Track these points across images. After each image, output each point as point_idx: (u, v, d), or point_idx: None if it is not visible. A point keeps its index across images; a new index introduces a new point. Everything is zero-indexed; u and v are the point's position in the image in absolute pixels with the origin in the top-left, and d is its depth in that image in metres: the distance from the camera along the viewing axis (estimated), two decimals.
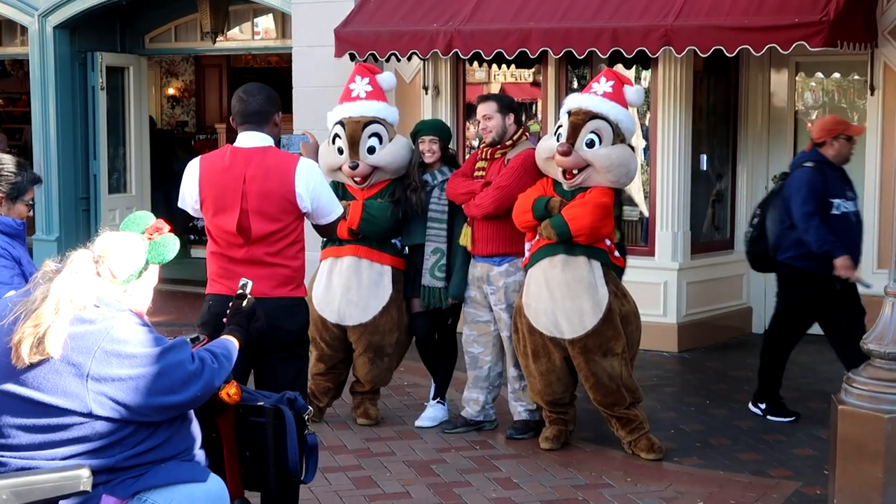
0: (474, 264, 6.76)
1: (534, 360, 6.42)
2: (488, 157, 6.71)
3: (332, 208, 4.90)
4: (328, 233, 5.14)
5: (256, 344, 4.39)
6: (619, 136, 6.34)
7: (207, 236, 4.90)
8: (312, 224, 4.97)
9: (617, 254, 6.45)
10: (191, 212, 4.94)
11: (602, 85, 6.39)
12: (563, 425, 6.58)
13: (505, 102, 6.76)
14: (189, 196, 4.89)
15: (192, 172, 4.87)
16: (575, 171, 6.28)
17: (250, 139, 4.81)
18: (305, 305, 4.93)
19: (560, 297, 6.27)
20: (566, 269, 6.26)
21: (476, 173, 6.71)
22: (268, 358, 4.74)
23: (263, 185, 4.71)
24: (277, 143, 4.93)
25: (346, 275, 6.81)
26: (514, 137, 6.67)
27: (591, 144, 6.27)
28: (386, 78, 7.10)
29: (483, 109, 6.71)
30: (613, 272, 6.38)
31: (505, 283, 6.65)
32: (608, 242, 6.37)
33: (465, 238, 6.73)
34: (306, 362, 4.97)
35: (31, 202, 4.89)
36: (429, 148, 6.84)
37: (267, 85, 4.99)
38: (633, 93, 6.44)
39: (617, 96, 6.36)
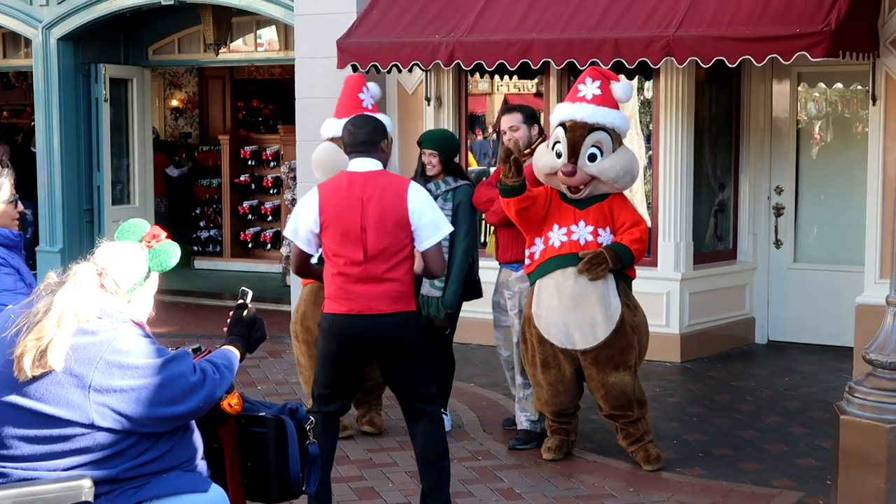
0: (499, 271, 6.91)
1: (543, 371, 6.40)
2: None
3: (437, 229, 5.21)
4: (433, 265, 5.30)
5: (369, 353, 5.28)
6: (617, 141, 6.32)
7: (325, 258, 5.30)
8: (421, 253, 5.26)
9: None
10: (300, 241, 5.30)
11: (589, 87, 6.31)
12: (565, 436, 6.58)
13: (529, 113, 6.86)
14: (307, 221, 5.25)
15: (312, 199, 5.27)
16: (581, 186, 6.28)
17: (362, 164, 5.27)
18: (418, 315, 5.39)
19: (573, 308, 6.24)
20: (579, 281, 6.22)
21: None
22: (389, 363, 5.34)
23: (380, 202, 5.14)
24: (385, 167, 5.39)
25: None
26: (534, 146, 6.71)
27: (592, 157, 6.24)
28: (373, 90, 7.10)
29: (510, 121, 6.75)
30: (624, 283, 6.34)
31: (519, 289, 6.72)
32: None
33: (490, 247, 6.90)
34: (424, 355, 5.36)
35: (12, 199, 4.64)
36: (429, 161, 6.86)
37: (374, 117, 5.53)
38: (620, 89, 6.34)
39: (606, 98, 6.29)
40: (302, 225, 5.29)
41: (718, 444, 6.94)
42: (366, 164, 5.25)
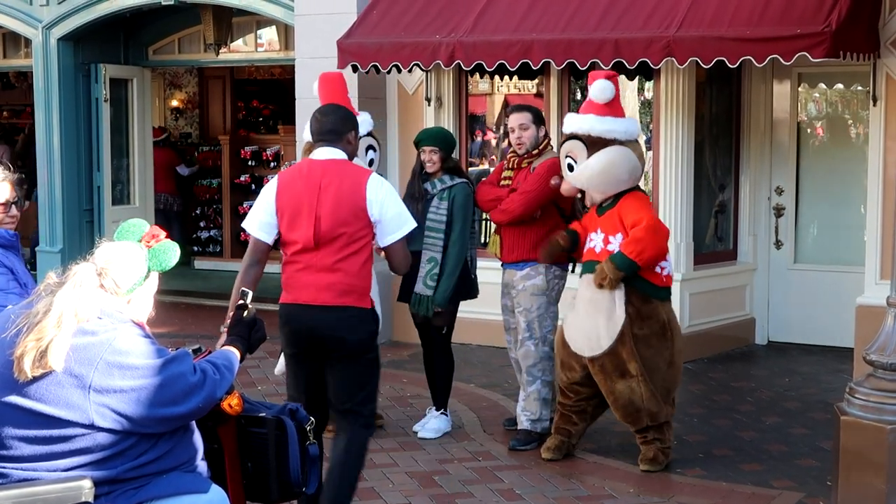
0: (503, 272, 6.88)
1: (561, 370, 6.48)
2: (515, 166, 6.79)
3: (401, 224, 5.04)
4: (397, 262, 5.13)
5: (321, 351, 5.01)
6: (595, 145, 6.24)
7: (280, 248, 5.17)
8: (382, 249, 5.11)
9: (667, 272, 6.27)
10: (255, 228, 5.15)
11: (588, 96, 6.40)
12: (566, 437, 6.57)
13: (538, 113, 6.88)
14: (264, 208, 5.11)
15: (270, 187, 5.15)
16: (577, 196, 6.34)
17: (325, 153, 5.13)
18: (372, 315, 5.10)
19: (584, 315, 6.29)
20: (589, 288, 6.24)
21: (502, 182, 6.82)
22: (334, 364, 5.06)
23: (337, 190, 4.99)
24: (351, 159, 5.21)
25: None
26: (541, 147, 6.75)
27: (570, 168, 6.32)
28: None
29: (519, 118, 6.76)
30: (640, 292, 6.21)
31: (524, 287, 6.72)
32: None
33: (493, 246, 6.89)
34: (374, 367, 5.14)
35: (13, 201, 4.64)
36: (429, 158, 6.86)
37: (343, 107, 5.37)
38: (594, 91, 6.29)
39: (589, 104, 6.31)
40: (260, 211, 5.13)
41: (719, 445, 6.94)
42: (329, 153, 5.11)
